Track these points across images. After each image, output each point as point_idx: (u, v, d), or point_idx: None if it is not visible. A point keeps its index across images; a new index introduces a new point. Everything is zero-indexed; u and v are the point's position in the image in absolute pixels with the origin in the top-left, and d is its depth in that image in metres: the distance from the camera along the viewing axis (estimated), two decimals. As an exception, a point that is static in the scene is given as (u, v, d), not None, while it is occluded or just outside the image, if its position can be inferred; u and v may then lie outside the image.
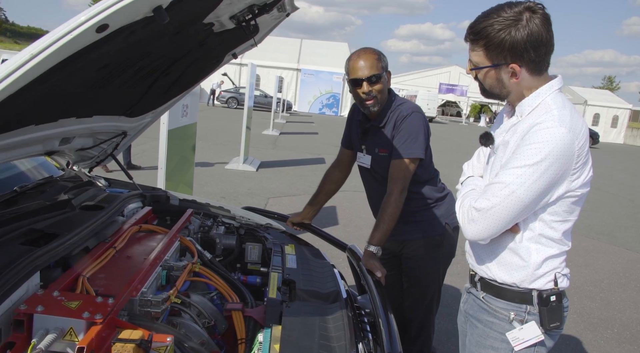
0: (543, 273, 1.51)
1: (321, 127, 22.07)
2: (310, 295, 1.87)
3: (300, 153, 12.55)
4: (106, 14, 0.84)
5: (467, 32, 1.50)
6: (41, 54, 0.82)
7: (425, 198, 2.35)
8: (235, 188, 7.70)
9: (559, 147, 1.36)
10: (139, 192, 2.40)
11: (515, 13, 1.40)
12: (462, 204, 1.54)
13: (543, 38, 1.40)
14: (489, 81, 1.52)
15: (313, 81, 34.13)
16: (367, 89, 2.18)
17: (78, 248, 1.64)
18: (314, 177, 9.55)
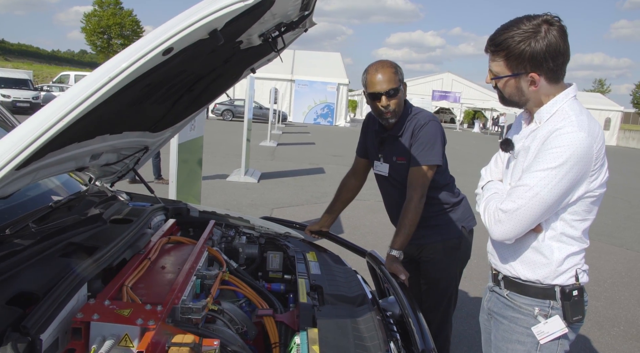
0: (565, 269, 1.60)
1: (317, 137, 22.18)
2: (338, 299, 1.94)
3: (299, 163, 12.63)
4: (175, 39, 0.92)
5: (487, 44, 1.60)
6: (118, 76, 0.89)
7: (443, 203, 2.43)
8: (238, 200, 7.76)
9: (579, 151, 1.45)
10: (162, 205, 2.47)
11: (534, 25, 1.49)
12: (488, 207, 1.62)
13: (560, 48, 1.50)
14: (508, 90, 1.61)
15: (307, 92, 34.32)
16: (385, 102, 2.26)
17: (117, 260, 1.70)
18: (315, 187, 9.63)
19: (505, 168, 1.76)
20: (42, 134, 0.89)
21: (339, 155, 15.55)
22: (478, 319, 2.57)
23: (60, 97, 0.93)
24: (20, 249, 1.52)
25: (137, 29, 59.56)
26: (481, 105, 43.63)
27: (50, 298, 1.29)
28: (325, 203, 8.56)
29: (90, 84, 0.91)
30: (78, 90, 0.91)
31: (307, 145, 18.12)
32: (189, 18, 0.93)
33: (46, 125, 0.89)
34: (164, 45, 0.92)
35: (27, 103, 21.25)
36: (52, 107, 0.91)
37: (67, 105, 0.89)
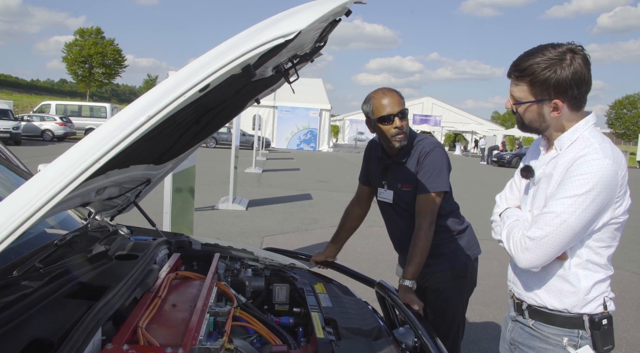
0: (593, 297, 1.58)
1: (301, 162, 22.20)
2: (354, 332, 1.89)
3: (286, 190, 12.58)
4: (214, 76, 0.90)
5: (511, 69, 1.61)
6: (157, 115, 0.87)
7: (450, 231, 2.42)
8: (228, 229, 7.66)
9: (606, 177, 1.46)
10: (165, 239, 2.41)
11: (559, 53, 1.51)
12: (513, 234, 1.61)
13: (585, 77, 1.52)
14: (529, 115, 1.62)
15: (290, 117, 34.51)
16: (399, 123, 2.27)
17: (129, 300, 1.63)
18: (304, 213, 9.57)
19: (523, 194, 1.76)
20: (77, 176, 0.86)
21: (325, 181, 15.56)
22: (481, 346, 2.53)
23: (92, 137, 0.89)
24: (29, 292, 1.46)
25: (119, 58, 59.59)
26: (461, 128, 44.35)
27: (67, 345, 1.23)
28: (316, 230, 8.54)
29: (126, 123, 0.88)
30: (113, 129, 0.88)
31: (292, 171, 18.11)
32: (227, 54, 0.92)
33: (82, 166, 0.85)
34: (203, 82, 0.89)
35: (7, 133, 20.89)
36: (85, 147, 0.88)
37: (102, 147, 0.86)
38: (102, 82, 60.68)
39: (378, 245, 6.87)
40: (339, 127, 49.38)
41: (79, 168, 0.86)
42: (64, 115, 26.90)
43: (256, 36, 0.93)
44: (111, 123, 0.90)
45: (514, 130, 46.56)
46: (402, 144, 2.30)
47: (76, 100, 42.47)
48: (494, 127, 49.89)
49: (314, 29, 1.22)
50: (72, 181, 0.87)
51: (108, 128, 0.90)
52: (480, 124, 48.59)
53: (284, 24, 0.92)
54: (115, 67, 59.80)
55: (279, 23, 0.93)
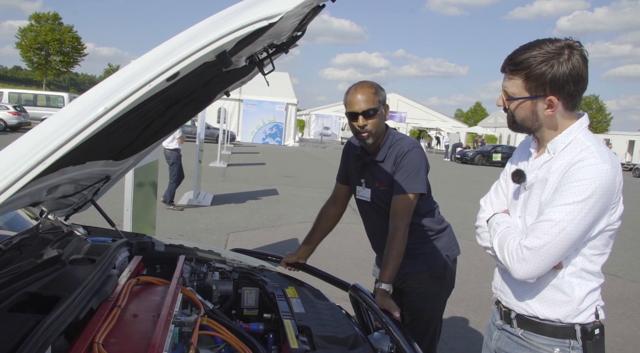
0: (586, 307, 1.53)
1: (267, 157, 21.97)
2: (329, 341, 1.79)
3: (252, 185, 12.38)
4: (184, 63, 0.77)
5: (505, 63, 1.52)
6: (115, 107, 0.73)
7: (426, 231, 2.35)
8: (192, 225, 7.44)
9: (605, 183, 1.40)
10: (125, 240, 2.24)
11: (557, 48, 1.44)
12: (507, 243, 1.52)
13: (583, 74, 1.45)
14: (522, 112, 1.54)
15: (255, 111, 34.11)
16: (362, 122, 2.21)
17: (84, 311, 1.48)
18: (270, 209, 9.42)
19: (512, 199, 1.68)
20: (21, 176, 0.71)
21: (291, 176, 15.42)
22: (449, 345, 2.48)
23: (40, 131, 0.75)
24: (-33, 305, 1.29)
25: (77, 45, 57.50)
26: (426, 125, 44.93)
27: (10, 368, 1.07)
28: (282, 226, 8.42)
29: (80, 116, 0.73)
30: (64, 121, 0.74)
31: (258, 166, 17.89)
32: (200, 38, 0.78)
33: (28, 164, 0.71)
34: (172, 70, 0.76)
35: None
36: (31, 143, 0.73)
37: (51, 143, 0.72)
38: (60, 70, 58.49)
39: (345, 243, 6.79)
40: (304, 122, 49.24)
41: (24, 165, 0.72)
42: (18, 104, 25.71)
43: (234, 18, 0.80)
44: (63, 114, 0.76)
45: (476, 127, 47.57)
46: (367, 142, 2.26)
47: (31, 89, 40.56)
48: (458, 124, 50.78)
49: (296, 15, 1.10)
50: (16, 181, 0.72)
51: (59, 120, 0.76)
52: (444, 121, 49.38)
53: (267, 4, 0.80)
54: (74, 56, 57.72)
55: (261, 4, 0.81)
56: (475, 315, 4.71)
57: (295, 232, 7.56)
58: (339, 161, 2.66)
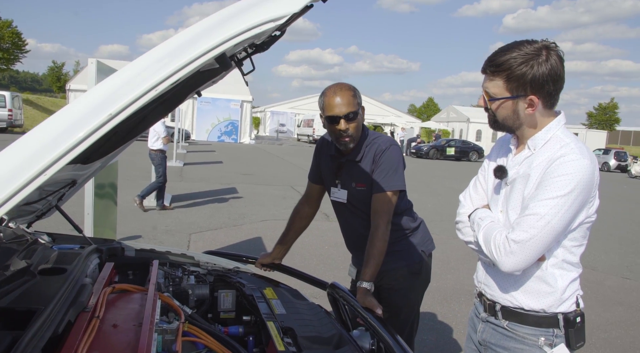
0: (568, 296, 1.59)
1: (224, 155, 21.67)
2: (314, 341, 1.78)
3: (211, 184, 12.18)
4: (189, 68, 0.73)
5: (486, 65, 1.55)
6: (121, 113, 0.69)
7: (404, 229, 2.37)
8: (152, 226, 7.25)
9: (585, 177, 1.45)
10: (95, 247, 2.14)
11: (535, 49, 1.48)
12: (494, 238, 1.56)
13: (560, 73, 1.50)
14: (503, 112, 1.58)
15: (210, 109, 33.57)
16: (344, 127, 2.17)
17: (62, 325, 1.40)
18: (231, 208, 9.31)
19: (493, 194, 1.72)
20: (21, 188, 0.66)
21: (250, 174, 15.27)
22: (419, 336, 2.53)
23: (33, 146, 0.70)
24: None
25: (18, 41, 54.71)
26: (381, 120, 45.49)
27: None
28: (245, 225, 8.33)
29: (81, 123, 0.69)
30: (64, 129, 0.69)
31: (215, 164, 17.62)
32: (204, 40, 0.75)
33: (26, 176, 0.66)
34: (177, 74, 0.72)
35: None
36: (28, 154, 0.68)
37: (54, 150, 0.67)
38: (0, 68, 55.52)
39: (309, 240, 6.79)
40: (260, 119, 48.87)
41: (25, 175, 0.67)
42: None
43: (239, 19, 0.77)
44: (62, 119, 0.71)
45: (430, 122, 48.58)
46: (347, 146, 2.23)
47: (-31, 88, 38.35)
48: (412, 119, 51.68)
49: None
50: (15, 193, 0.67)
51: (60, 124, 0.70)
52: (398, 116, 50.10)
53: (273, 5, 0.77)
54: (15, 52, 54.89)
55: (266, 4, 0.78)
56: (441, 307, 4.81)
57: (259, 230, 7.50)
58: (296, 158, 2.65)
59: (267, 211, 9.21)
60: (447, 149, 30.46)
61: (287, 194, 11.43)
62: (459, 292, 5.30)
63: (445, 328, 4.39)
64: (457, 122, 43.02)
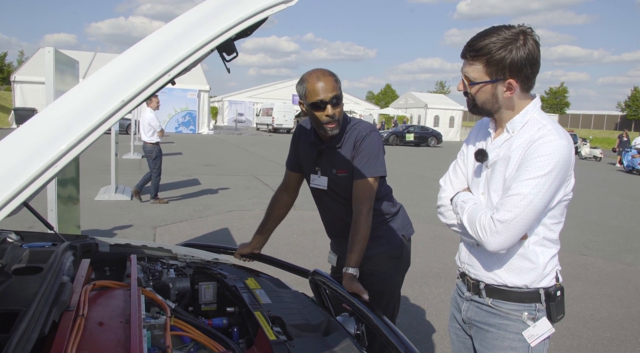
0: (549, 272, 1.65)
1: (182, 146, 21.24)
2: (303, 329, 1.78)
3: (171, 176, 11.92)
4: (186, 63, 0.70)
5: (465, 50, 1.58)
6: (134, 100, 0.65)
7: (384, 214, 2.38)
8: (115, 221, 7.04)
9: (563, 157, 1.51)
10: (68, 243, 2.06)
11: (513, 34, 1.52)
12: (479, 218, 1.58)
13: (537, 57, 1.55)
14: (483, 96, 1.61)
15: (166, 99, 32.66)
16: (331, 111, 2.14)
17: (48, 325, 1.34)
18: (195, 200, 9.16)
19: (474, 177, 1.75)
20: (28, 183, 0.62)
21: (211, 165, 15.05)
22: (397, 320, 2.57)
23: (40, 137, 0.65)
24: None
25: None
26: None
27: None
28: (210, 216, 8.23)
29: (89, 111, 0.65)
30: (73, 116, 0.65)
31: (175, 156, 17.27)
32: (216, 23, 0.71)
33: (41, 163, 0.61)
34: (189, 59, 0.69)
35: None
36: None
37: (58, 148, 0.62)
38: None
39: (278, 229, 6.76)
40: (217, 109, 48.10)
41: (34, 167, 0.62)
42: None
43: (248, 1, 0.74)
44: (67, 106, 0.66)
45: (388, 109, 49.07)
46: (333, 132, 2.20)
47: None
48: (370, 106, 52.05)
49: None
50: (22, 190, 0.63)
51: (65, 112, 0.66)
52: (357, 103, 50.31)
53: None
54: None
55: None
56: (412, 290, 4.90)
57: (225, 221, 7.41)
58: (256, 147, 2.63)
59: (232, 202, 9.11)
60: (407, 135, 30.88)
61: (251, 184, 11.34)
62: (428, 275, 5.42)
63: (417, 310, 4.48)
64: (415, 108, 43.61)
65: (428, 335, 3.96)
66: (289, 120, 37.94)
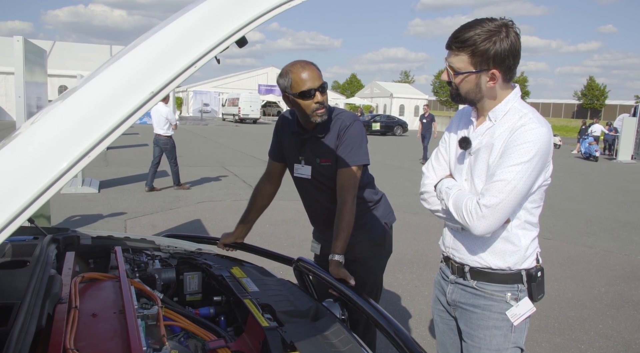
0: (530, 254, 1.73)
1: (148, 137, 20.67)
2: (292, 315, 1.81)
3: (138, 168, 11.72)
4: (212, 55, 0.71)
5: (451, 41, 1.63)
6: (162, 91, 0.66)
7: (367, 202, 2.43)
8: (84, 214, 6.89)
9: (544, 144, 1.58)
10: (51, 236, 2.03)
11: (496, 26, 1.59)
12: (465, 204, 1.65)
13: (518, 48, 1.62)
14: (467, 85, 1.67)
15: (129, 89, 31.98)
16: (321, 98, 2.18)
17: (43, 318, 1.34)
18: (164, 191, 9.04)
19: (457, 164, 1.81)
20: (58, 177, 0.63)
21: (178, 156, 14.80)
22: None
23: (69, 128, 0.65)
24: None
25: None
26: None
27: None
28: (181, 208, 8.13)
29: (116, 103, 0.65)
30: (100, 106, 0.65)
31: (141, 147, 16.91)
32: (231, 20, 0.73)
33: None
34: (217, 49, 0.70)
35: None
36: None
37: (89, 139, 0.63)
38: None
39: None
40: (182, 99, 47.24)
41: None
42: None
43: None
44: (83, 101, 0.67)
45: (354, 98, 49.25)
46: (323, 118, 2.23)
47: None
48: (336, 95, 52.11)
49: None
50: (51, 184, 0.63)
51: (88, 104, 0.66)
52: (323, 93, 50.15)
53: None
54: None
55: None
56: (386, 277, 4.95)
57: (197, 212, 7.36)
58: (223, 138, 2.64)
59: (202, 193, 9.04)
60: (373, 124, 31.08)
61: (220, 175, 11.25)
62: (401, 261, 5.54)
63: (392, 296, 4.59)
64: (380, 98, 43.94)
65: (404, 320, 4.06)
66: (256, 110, 37.63)
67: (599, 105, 64.08)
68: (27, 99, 4.09)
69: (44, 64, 4.37)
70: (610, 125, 23.33)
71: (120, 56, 0.74)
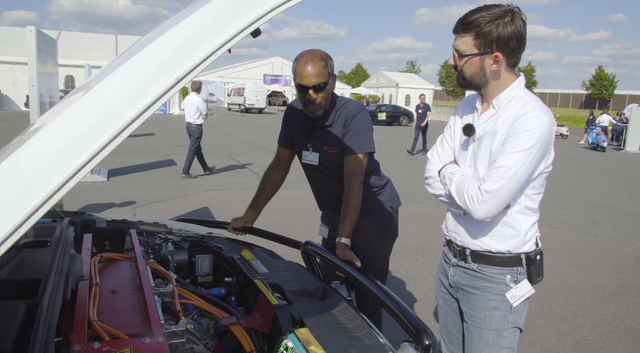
0: (529, 238, 1.79)
1: (155, 127, 20.92)
2: (301, 294, 1.89)
3: (146, 156, 11.83)
4: (234, 42, 0.76)
5: (457, 24, 1.69)
6: (186, 77, 0.72)
7: (373, 187, 2.50)
8: (94, 202, 7.00)
9: (545, 132, 1.63)
10: (69, 219, 2.12)
11: (502, 11, 1.64)
12: (467, 189, 1.71)
13: (523, 34, 1.66)
14: (471, 69, 1.71)
15: (135, 79, 32.06)
16: (313, 96, 2.23)
17: (68, 292, 1.42)
18: (171, 179, 9.14)
19: (461, 150, 1.87)
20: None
21: (185, 145, 14.83)
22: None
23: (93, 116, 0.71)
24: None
25: None
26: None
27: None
28: (189, 196, 8.22)
29: (142, 88, 0.72)
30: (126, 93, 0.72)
31: (147, 137, 17.04)
32: (248, 11, 0.78)
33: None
34: (238, 37, 0.75)
35: None
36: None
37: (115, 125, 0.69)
38: None
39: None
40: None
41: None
42: None
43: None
44: (116, 81, 0.73)
45: (360, 88, 49.10)
46: (314, 114, 2.31)
47: None
48: (342, 85, 51.97)
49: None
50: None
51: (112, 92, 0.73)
52: (329, 83, 50.03)
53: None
54: None
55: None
56: (391, 264, 4.99)
57: (205, 200, 7.46)
58: (229, 127, 2.69)
59: (211, 182, 9.14)
60: (379, 114, 31.03)
61: (227, 164, 11.34)
62: (406, 249, 5.61)
63: (397, 282, 4.67)
64: (386, 88, 43.81)
65: (410, 305, 4.14)
66: (261, 100, 37.63)
67: (607, 95, 63.51)
68: (39, 89, 4.17)
69: (55, 53, 4.43)
70: (621, 115, 23.13)
71: (146, 44, 0.80)
